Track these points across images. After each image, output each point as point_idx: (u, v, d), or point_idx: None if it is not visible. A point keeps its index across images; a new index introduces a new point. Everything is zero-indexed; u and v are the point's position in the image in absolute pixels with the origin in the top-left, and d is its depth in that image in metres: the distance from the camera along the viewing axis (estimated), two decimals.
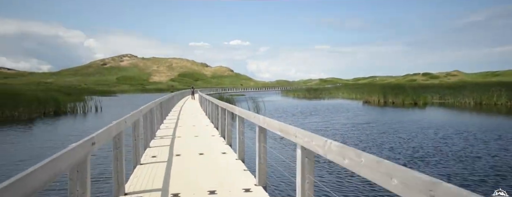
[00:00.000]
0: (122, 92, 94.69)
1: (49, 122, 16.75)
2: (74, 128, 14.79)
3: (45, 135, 12.68)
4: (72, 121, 18.00)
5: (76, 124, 16.84)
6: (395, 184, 1.41)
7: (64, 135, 12.42)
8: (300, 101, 38.01)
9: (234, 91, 78.93)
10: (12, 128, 14.51)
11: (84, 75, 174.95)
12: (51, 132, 13.53)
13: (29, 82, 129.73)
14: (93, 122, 17.75)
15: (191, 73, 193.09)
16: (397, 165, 1.46)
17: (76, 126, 15.79)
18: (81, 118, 20.21)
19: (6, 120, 16.86)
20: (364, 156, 1.69)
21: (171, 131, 9.49)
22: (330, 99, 44.95)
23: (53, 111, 21.38)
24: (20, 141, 11.22)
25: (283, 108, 25.12)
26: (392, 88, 32.92)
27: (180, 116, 14.35)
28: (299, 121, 16.26)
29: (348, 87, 61.60)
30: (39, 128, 14.73)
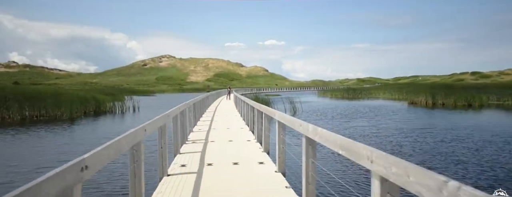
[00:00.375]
0: (160, 92, 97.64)
1: (85, 123, 16.98)
2: (108, 130, 14.76)
3: (74, 138, 12.65)
4: (110, 121, 18.17)
5: (113, 124, 16.92)
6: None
7: (96, 137, 12.30)
8: (339, 102, 36.35)
9: (269, 91, 78.22)
10: (50, 127, 14.79)
11: (126, 75, 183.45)
12: (83, 134, 13.52)
13: (76, 82, 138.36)
14: (131, 121, 17.80)
15: (226, 73, 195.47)
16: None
17: (113, 127, 15.80)
18: (119, 118, 20.45)
19: (49, 120, 17.38)
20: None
21: (204, 135, 8.88)
22: (371, 99, 42.71)
23: (94, 110, 21.91)
24: (44, 145, 11.21)
25: (321, 110, 23.88)
26: (441, 88, 30.29)
27: (215, 117, 13.80)
28: (342, 125, 14.98)
29: (389, 87, 58.47)
30: (73, 130, 14.86)
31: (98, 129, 14.55)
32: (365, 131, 13.26)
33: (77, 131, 13.77)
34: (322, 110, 23.54)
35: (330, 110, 23.33)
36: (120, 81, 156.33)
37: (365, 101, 38.17)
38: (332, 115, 19.39)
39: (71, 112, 18.28)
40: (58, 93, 20.20)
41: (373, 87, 66.95)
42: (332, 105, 30.21)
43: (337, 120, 17.10)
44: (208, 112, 16.10)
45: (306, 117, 18.21)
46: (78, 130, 14.01)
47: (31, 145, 10.49)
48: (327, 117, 18.37)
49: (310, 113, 20.77)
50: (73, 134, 12.95)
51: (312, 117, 18.38)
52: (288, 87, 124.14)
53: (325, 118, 17.84)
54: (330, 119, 17.61)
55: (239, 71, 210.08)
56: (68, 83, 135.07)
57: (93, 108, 21.76)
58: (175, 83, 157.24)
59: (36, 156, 8.92)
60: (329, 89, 67.45)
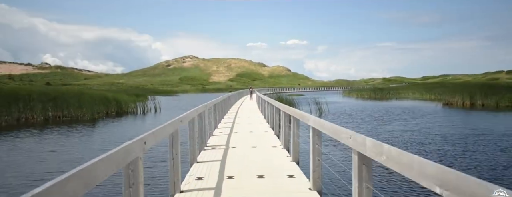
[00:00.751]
0: (183, 92, 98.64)
1: (104, 124, 16.68)
2: (126, 132, 14.32)
3: (86, 142, 12.23)
4: (130, 122, 17.83)
5: (133, 126, 16.54)
6: None
7: (107, 142, 11.83)
8: (366, 103, 34.74)
9: (292, 91, 77.02)
10: (65, 130, 14.55)
11: (150, 75, 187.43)
12: (95, 138, 13.10)
13: (104, 83, 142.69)
14: (151, 122, 17.41)
15: (248, 73, 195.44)
16: None
17: (131, 129, 15.39)
18: (140, 119, 20.15)
19: (72, 120, 17.26)
20: None
21: (224, 139, 8.09)
22: (400, 100, 40.68)
23: (115, 111, 21.76)
24: (55, 149, 10.79)
25: (349, 111, 22.61)
26: (479, 87, 28.07)
27: (237, 119, 13.04)
28: (376, 129, 13.53)
29: (418, 86, 55.75)
30: (89, 133, 14.52)
31: (114, 132, 14.13)
32: (404, 137, 11.65)
33: (92, 134, 13.40)
34: (350, 111, 22.25)
35: (359, 111, 22.00)
36: (145, 81, 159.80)
37: (394, 102, 36.31)
38: (361, 117, 18.10)
39: (92, 113, 18.11)
40: (81, 94, 20.15)
41: (401, 86, 64.12)
42: (360, 106, 28.75)
43: (369, 123, 15.67)
44: (230, 113, 15.39)
45: (333, 120, 17.10)
46: (94, 133, 13.64)
47: (38, 151, 10.11)
48: (356, 120, 17.11)
49: (337, 115, 19.59)
50: (87, 138, 12.55)
51: (340, 119, 17.19)
52: (311, 87, 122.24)
53: (354, 121, 16.55)
54: (360, 121, 16.29)
55: (261, 71, 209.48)
56: (96, 83, 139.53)
57: (115, 108, 21.63)
58: (198, 83, 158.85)
59: (36, 164, 8.46)
60: (355, 89, 65.33)
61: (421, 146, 9.95)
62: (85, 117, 17.88)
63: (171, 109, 26.80)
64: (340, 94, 57.53)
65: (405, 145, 10.04)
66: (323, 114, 19.80)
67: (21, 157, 8.94)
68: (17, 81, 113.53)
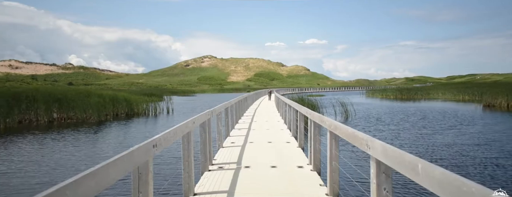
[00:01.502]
0: (201, 92, 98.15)
1: (110, 128, 15.36)
2: (129, 140, 12.88)
3: (83, 150, 10.81)
4: (139, 126, 16.45)
5: (141, 130, 15.13)
6: None
7: (105, 151, 10.37)
8: (394, 104, 32.24)
9: (311, 91, 74.68)
10: (63, 134, 13.28)
11: (169, 75, 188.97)
12: (96, 146, 11.70)
13: (124, 83, 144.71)
14: (162, 125, 16.01)
15: (267, 73, 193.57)
16: None
17: (139, 134, 13.96)
18: (151, 121, 18.83)
19: (77, 123, 16.10)
20: None
21: (236, 153, 6.38)
22: (430, 100, 37.84)
23: (126, 113, 20.56)
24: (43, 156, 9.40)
25: (377, 114, 20.45)
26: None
27: (252, 124, 11.33)
28: (425, 140, 10.52)
29: (448, 86, 52.31)
30: (89, 139, 13.17)
31: (117, 137, 12.73)
32: (465, 152, 8.74)
33: (93, 139, 12.02)
34: (379, 114, 20.08)
35: (389, 114, 19.79)
36: (164, 81, 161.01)
37: (425, 103, 33.60)
38: (394, 122, 15.85)
39: (99, 115, 16.87)
40: (89, 94, 19.01)
41: (428, 86, 60.42)
42: (388, 107, 26.41)
43: (408, 130, 12.89)
44: (246, 117, 13.72)
45: (363, 125, 15.07)
46: (95, 138, 12.25)
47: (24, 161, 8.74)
48: (389, 125, 14.93)
49: (365, 119, 17.49)
50: (84, 145, 11.16)
51: (371, 125, 15.07)
52: (331, 87, 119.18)
53: (386, 127, 14.01)
54: (396, 128, 13.93)
55: (280, 70, 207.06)
56: (116, 83, 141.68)
57: (125, 110, 20.43)
58: (216, 83, 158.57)
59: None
60: (378, 89, 62.30)
61: (500, 169, 7.09)
62: (91, 119, 16.68)
63: (183, 110, 25.41)
64: (363, 94, 54.83)
65: (473, 167, 7.33)
66: (350, 119, 17.79)
67: None
68: (40, 81, 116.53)
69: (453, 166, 7.40)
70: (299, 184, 4.29)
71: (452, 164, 7.65)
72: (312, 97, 31.14)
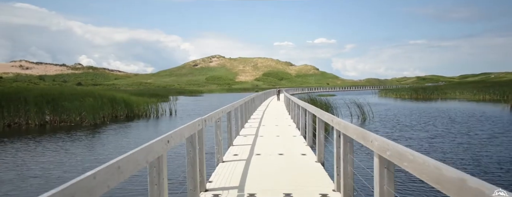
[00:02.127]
0: (209, 92, 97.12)
1: (103, 132, 14.08)
2: (120, 146, 11.55)
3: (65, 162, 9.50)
4: (135, 131, 15.14)
5: (135, 136, 13.81)
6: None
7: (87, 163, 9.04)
8: (411, 104, 30.41)
9: (321, 91, 72.91)
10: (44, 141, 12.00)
11: (178, 75, 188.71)
12: (78, 155, 10.39)
13: (132, 83, 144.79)
14: (164, 128, 14.70)
15: (275, 72, 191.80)
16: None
17: (137, 139, 12.64)
18: (152, 124, 17.55)
19: (69, 127, 14.87)
20: None
21: (239, 173, 4.94)
22: (447, 100, 35.84)
23: (125, 114, 19.32)
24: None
25: (396, 115, 18.78)
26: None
27: (260, 129, 9.89)
28: (473, 154, 8.51)
29: (464, 85, 50.08)
30: (77, 144, 11.87)
31: (108, 143, 11.41)
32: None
33: (83, 147, 10.73)
34: (398, 116, 18.39)
35: (410, 116, 18.06)
36: (172, 81, 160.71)
37: (444, 103, 31.66)
38: (422, 127, 13.76)
39: (95, 117, 15.57)
40: (85, 95, 17.78)
41: (444, 85, 57.96)
42: (406, 108, 24.65)
43: (442, 138, 10.80)
44: (253, 120, 12.28)
45: (385, 131, 13.45)
46: (85, 145, 10.97)
47: None
48: (418, 131, 12.97)
49: (385, 122, 15.82)
50: (71, 153, 9.86)
51: (393, 130, 13.38)
52: (341, 86, 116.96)
53: (414, 134, 11.86)
54: (427, 135, 11.62)
55: (289, 70, 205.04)
56: (124, 83, 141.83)
57: (124, 111, 19.19)
58: (224, 83, 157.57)
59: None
60: (392, 89, 60.20)
61: None
62: (86, 122, 15.40)
63: (187, 112, 24.08)
64: (375, 94, 52.87)
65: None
66: (367, 120, 16.20)
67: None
68: (48, 81, 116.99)
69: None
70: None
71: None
72: (323, 97, 29.53)
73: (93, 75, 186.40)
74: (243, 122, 11.11)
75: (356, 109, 17.56)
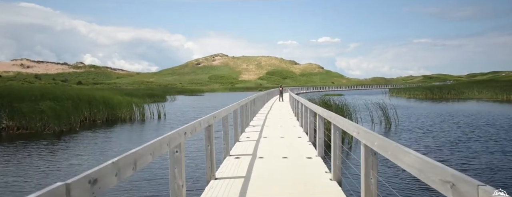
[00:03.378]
0: (211, 91, 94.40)
1: (67, 144, 11.34)
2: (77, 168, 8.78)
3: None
4: (107, 141, 12.39)
5: (106, 150, 11.04)
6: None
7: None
8: (433, 106, 27.43)
9: (327, 90, 69.87)
10: None
11: (180, 74, 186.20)
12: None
13: (134, 82, 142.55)
14: (146, 136, 11.98)
15: (279, 71, 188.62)
16: None
17: (98, 155, 9.87)
18: (135, 130, 14.84)
19: (28, 135, 12.16)
20: None
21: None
22: (470, 101, 32.79)
23: (105, 118, 16.59)
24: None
25: (422, 120, 15.88)
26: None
27: (260, 143, 7.10)
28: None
29: (483, 84, 46.89)
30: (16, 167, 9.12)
31: (60, 160, 8.65)
32: None
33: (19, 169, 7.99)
34: (425, 121, 15.46)
35: (440, 122, 15.01)
36: (175, 80, 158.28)
37: (467, 104, 28.66)
38: (466, 138, 10.73)
39: (60, 123, 12.77)
40: (54, 96, 15.02)
41: (460, 84, 54.52)
42: (430, 110, 21.67)
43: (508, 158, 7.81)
44: (252, 128, 9.49)
45: (426, 144, 10.55)
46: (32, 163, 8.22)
47: None
48: (463, 143, 10.13)
49: (417, 131, 12.82)
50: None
51: (433, 143, 10.47)
52: (346, 85, 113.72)
53: (467, 152, 8.60)
54: (485, 151, 8.64)
55: (293, 68, 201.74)
56: (126, 82, 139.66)
57: (104, 114, 16.48)
58: (227, 82, 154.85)
59: None
60: (403, 88, 57.15)
61: None
62: (47, 129, 12.63)
63: (183, 111, 21.29)
64: (385, 93, 49.75)
65: None
66: (394, 128, 13.33)
67: None
68: (44, 80, 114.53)
69: None
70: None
71: None
72: (330, 96, 26.60)
73: (95, 74, 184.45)
74: (243, 127, 8.39)
75: (377, 113, 14.66)
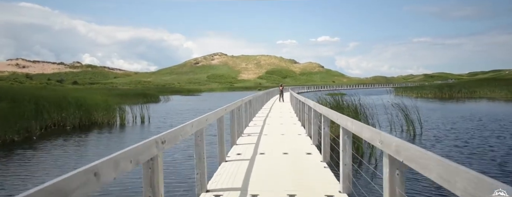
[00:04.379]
0: (209, 91, 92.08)
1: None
2: None
3: None
4: (66, 154, 10.09)
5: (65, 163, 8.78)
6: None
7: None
8: (448, 106, 25.19)
9: (328, 89, 67.68)
10: None
11: (178, 73, 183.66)
12: None
13: (130, 81, 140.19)
14: (126, 143, 9.72)
15: (279, 70, 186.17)
16: None
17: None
18: (111, 138, 12.55)
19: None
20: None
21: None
22: (485, 100, 30.60)
23: (78, 122, 14.24)
24: None
25: (451, 124, 13.62)
26: None
27: (257, 156, 4.85)
28: None
29: (494, 82, 44.67)
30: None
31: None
32: None
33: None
34: (455, 126, 13.20)
35: (476, 128, 12.72)
36: (173, 79, 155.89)
37: (483, 104, 26.46)
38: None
39: (6, 131, 10.34)
40: (14, 98, 12.67)
41: (470, 83, 52.08)
42: (448, 112, 19.42)
43: None
44: (246, 138, 7.21)
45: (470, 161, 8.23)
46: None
47: None
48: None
49: (449, 138, 10.63)
50: None
51: (484, 159, 8.14)
52: (347, 84, 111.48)
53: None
54: None
55: (293, 67, 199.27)
56: (123, 82, 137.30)
57: (77, 118, 14.13)
58: (226, 81, 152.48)
59: None
60: (410, 87, 55.01)
61: None
62: (20, 135, 10.21)
63: (172, 114, 18.97)
64: (390, 92, 47.44)
65: None
66: (419, 134, 11.04)
67: None
68: (35, 80, 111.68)
69: None
70: None
71: None
72: (333, 96, 24.25)
73: (92, 73, 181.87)
74: (238, 133, 6.06)
75: (397, 115, 12.32)
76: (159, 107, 27.06)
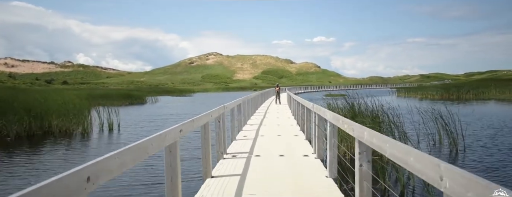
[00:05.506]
0: (203, 91, 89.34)
1: None
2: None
3: None
4: None
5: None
6: None
7: None
8: (465, 109, 22.69)
9: (326, 90, 65.41)
10: None
11: (172, 73, 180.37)
12: None
13: (123, 82, 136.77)
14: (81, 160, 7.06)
15: (275, 70, 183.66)
16: None
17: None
18: (63, 152, 9.87)
19: None
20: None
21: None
22: (490, 101, 28.35)
23: (26, 132, 11.49)
24: None
25: (492, 133, 11.09)
26: None
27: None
28: None
29: (501, 82, 42.63)
30: None
31: None
32: None
33: None
34: (499, 134, 10.70)
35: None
36: (166, 79, 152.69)
37: (498, 106, 24.11)
38: None
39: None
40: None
41: (477, 83, 49.81)
42: (477, 116, 16.93)
43: None
44: (237, 146, 4.59)
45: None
46: None
47: None
48: None
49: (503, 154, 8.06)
50: None
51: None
52: (344, 84, 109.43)
53: None
54: None
55: (289, 67, 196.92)
56: (115, 82, 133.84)
57: (25, 126, 11.41)
58: (220, 82, 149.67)
59: None
60: (413, 87, 52.99)
61: None
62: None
63: (150, 120, 16.21)
64: (392, 93, 45.16)
65: None
66: (462, 150, 8.45)
67: None
68: (18, 80, 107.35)
69: None
70: None
71: None
72: (332, 96, 21.68)
73: (83, 73, 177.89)
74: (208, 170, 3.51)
75: (433, 124, 9.66)
76: (141, 110, 24.30)
